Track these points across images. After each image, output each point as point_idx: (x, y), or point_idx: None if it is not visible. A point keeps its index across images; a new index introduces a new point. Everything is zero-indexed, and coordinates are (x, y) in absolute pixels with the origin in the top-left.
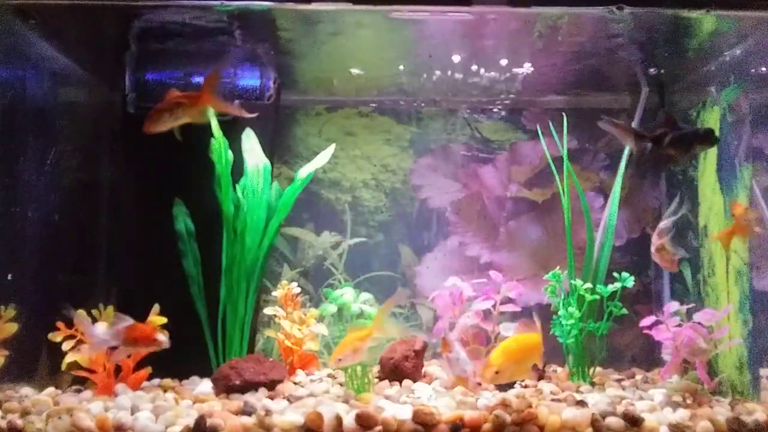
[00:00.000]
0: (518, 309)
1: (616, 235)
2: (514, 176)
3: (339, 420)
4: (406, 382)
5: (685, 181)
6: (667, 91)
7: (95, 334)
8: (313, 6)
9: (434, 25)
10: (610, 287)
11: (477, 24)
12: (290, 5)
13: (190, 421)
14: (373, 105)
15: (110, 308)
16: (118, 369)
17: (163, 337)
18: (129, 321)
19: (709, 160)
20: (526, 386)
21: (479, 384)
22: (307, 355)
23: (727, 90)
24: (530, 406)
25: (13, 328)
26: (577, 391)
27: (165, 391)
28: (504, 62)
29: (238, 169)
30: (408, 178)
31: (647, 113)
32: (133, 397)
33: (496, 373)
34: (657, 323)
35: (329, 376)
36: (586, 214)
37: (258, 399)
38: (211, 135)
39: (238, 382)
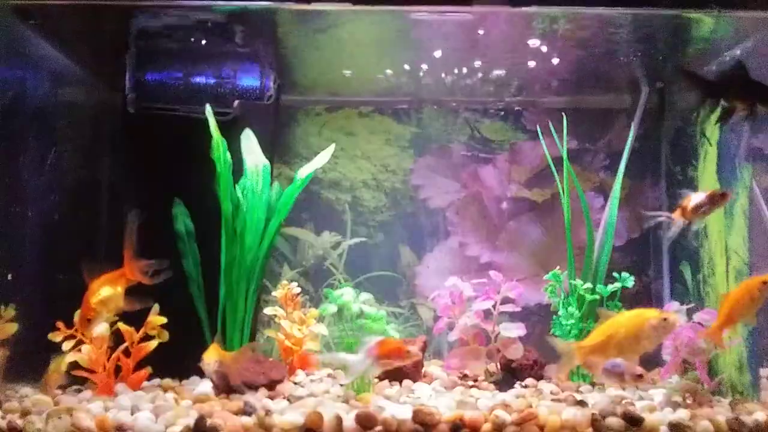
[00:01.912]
0: (518, 309)
1: (616, 235)
2: (514, 176)
3: (339, 420)
4: (406, 382)
5: (685, 181)
6: (667, 91)
7: (353, 359)
8: (313, 6)
9: (434, 25)
10: (610, 287)
11: (477, 23)
12: (290, 5)
13: (190, 421)
14: (374, 105)
15: None
16: (117, 369)
17: (414, 348)
18: (377, 337)
19: (709, 160)
20: (526, 386)
21: None
22: (307, 355)
23: None
24: (530, 406)
25: (13, 328)
26: (577, 391)
27: (165, 391)
28: (504, 62)
29: (239, 169)
30: (408, 178)
31: (647, 113)
32: (133, 397)
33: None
34: None
35: (329, 376)
36: (586, 214)
37: (258, 399)
38: (211, 135)
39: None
